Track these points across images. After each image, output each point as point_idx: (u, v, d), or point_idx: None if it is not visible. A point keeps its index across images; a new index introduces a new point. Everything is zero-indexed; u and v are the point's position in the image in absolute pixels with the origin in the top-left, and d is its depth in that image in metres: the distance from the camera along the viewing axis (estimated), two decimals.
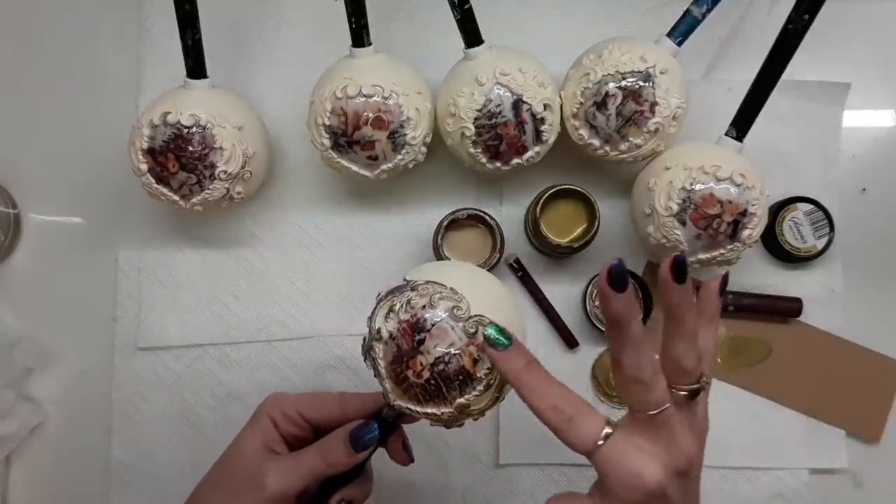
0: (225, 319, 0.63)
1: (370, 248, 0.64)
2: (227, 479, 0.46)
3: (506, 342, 0.38)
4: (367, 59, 0.56)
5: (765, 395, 0.63)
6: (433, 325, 0.40)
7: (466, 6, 0.55)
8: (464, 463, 0.63)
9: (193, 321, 0.63)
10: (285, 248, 0.64)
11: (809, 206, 0.62)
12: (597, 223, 0.59)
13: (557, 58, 0.59)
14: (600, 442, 0.37)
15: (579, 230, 0.61)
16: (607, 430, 0.37)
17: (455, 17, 0.55)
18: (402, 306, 0.41)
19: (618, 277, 0.36)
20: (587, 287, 0.62)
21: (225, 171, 0.55)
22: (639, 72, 0.54)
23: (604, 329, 0.61)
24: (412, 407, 0.42)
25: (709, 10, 0.57)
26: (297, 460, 0.45)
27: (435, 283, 0.41)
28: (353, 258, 0.64)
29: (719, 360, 0.63)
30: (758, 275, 0.64)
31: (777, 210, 0.62)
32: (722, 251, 0.55)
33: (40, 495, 0.63)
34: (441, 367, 0.40)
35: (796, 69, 0.55)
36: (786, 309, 0.63)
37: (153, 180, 0.56)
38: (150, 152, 0.55)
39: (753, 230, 0.54)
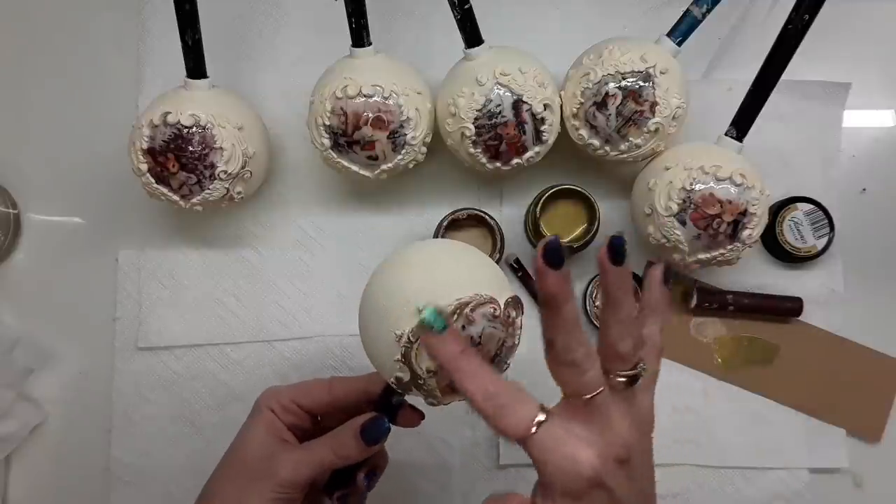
0: (225, 319, 0.63)
1: (370, 248, 0.64)
2: (239, 470, 0.46)
3: (441, 326, 0.37)
4: (367, 58, 0.56)
5: (765, 395, 0.63)
6: (481, 337, 0.40)
7: (466, 6, 0.55)
8: (464, 464, 0.63)
9: (193, 321, 0.63)
10: (285, 247, 0.64)
11: (809, 206, 0.62)
12: (597, 223, 0.59)
13: (557, 58, 0.59)
14: (533, 429, 0.36)
15: (579, 230, 0.61)
16: (541, 416, 0.36)
17: (455, 17, 0.55)
18: None
19: (553, 254, 0.35)
20: (587, 287, 0.63)
21: (225, 171, 0.55)
22: (639, 72, 0.54)
23: None
24: (461, 399, 0.41)
25: (709, 10, 0.57)
26: (309, 452, 0.46)
27: (458, 304, 0.40)
28: (353, 258, 0.64)
29: (720, 360, 0.63)
30: (758, 275, 0.64)
31: (777, 210, 0.62)
32: (722, 251, 0.55)
33: (40, 495, 0.63)
34: (496, 358, 0.42)
35: (796, 69, 0.55)
36: (786, 309, 0.63)
37: (153, 180, 0.56)
38: (150, 152, 0.55)
39: (753, 230, 0.54)
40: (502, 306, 0.41)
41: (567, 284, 0.36)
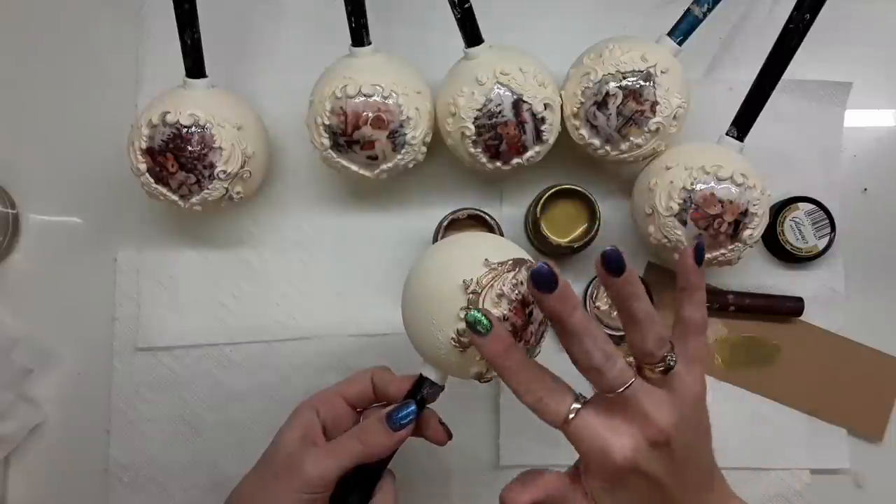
0: (224, 320, 0.63)
1: (370, 249, 0.64)
2: (266, 472, 0.46)
3: (488, 326, 0.40)
4: (366, 58, 0.56)
5: (766, 395, 0.63)
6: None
7: (466, 5, 0.54)
8: (464, 465, 0.62)
9: (192, 321, 0.63)
10: (285, 248, 0.64)
11: (811, 206, 0.62)
12: (597, 223, 0.59)
13: (557, 57, 0.58)
14: (571, 416, 0.39)
15: (580, 230, 0.61)
16: (575, 405, 0.40)
17: (455, 16, 0.55)
18: (510, 289, 0.43)
19: (543, 281, 0.38)
20: (587, 287, 0.62)
21: (224, 171, 0.55)
22: (639, 71, 0.54)
23: (604, 330, 0.61)
24: None
25: (710, 10, 0.57)
26: (335, 445, 0.45)
27: (515, 259, 0.44)
28: (353, 258, 0.64)
29: (720, 360, 0.63)
30: (759, 275, 0.64)
31: (778, 210, 0.62)
32: (723, 251, 0.55)
33: (39, 496, 0.63)
34: (542, 328, 0.45)
35: (797, 68, 0.55)
36: (787, 309, 0.63)
37: (152, 180, 0.56)
38: (150, 152, 0.55)
39: (754, 230, 0.54)
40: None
41: (565, 301, 0.39)
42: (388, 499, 0.47)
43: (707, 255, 0.55)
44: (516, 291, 0.43)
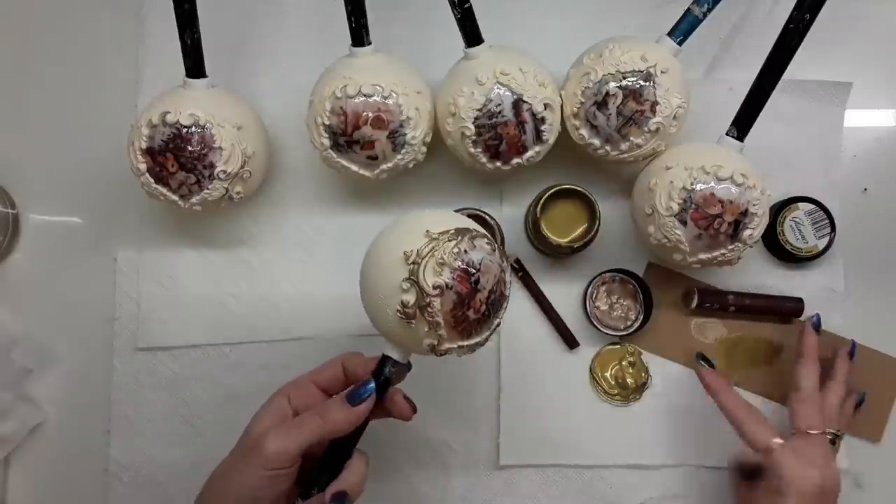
0: (224, 320, 0.63)
1: None
2: (239, 454, 0.47)
3: (714, 365, 0.61)
4: (366, 58, 0.56)
5: (765, 396, 0.63)
6: (480, 264, 0.44)
7: (466, 5, 0.54)
8: (464, 464, 0.62)
9: (192, 321, 0.63)
10: (285, 248, 0.64)
11: (811, 206, 0.62)
12: (597, 223, 0.59)
13: (557, 57, 0.59)
14: (775, 446, 0.53)
15: (579, 230, 0.61)
16: (778, 440, 0.53)
17: (455, 16, 0.55)
18: (451, 257, 0.43)
19: (818, 325, 0.60)
20: (587, 287, 0.62)
21: (224, 171, 0.55)
22: (639, 71, 0.54)
23: (603, 329, 0.61)
24: (460, 344, 0.45)
25: (710, 10, 0.57)
26: (296, 421, 0.46)
27: (459, 228, 0.44)
28: (353, 258, 0.63)
29: (720, 360, 0.63)
30: (759, 275, 0.64)
31: (778, 210, 0.62)
32: (723, 251, 0.55)
33: (39, 496, 0.63)
34: (492, 297, 0.45)
35: (797, 69, 0.55)
36: (787, 309, 0.63)
37: (152, 180, 0.56)
38: (150, 152, 0.55)
39: (754, 230, 0.54)
40: (497, 247, 0.46)
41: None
42: (355, 475, 0.47)
43: (707, 255, 0.55)
44: (458, 260, 0.43)
